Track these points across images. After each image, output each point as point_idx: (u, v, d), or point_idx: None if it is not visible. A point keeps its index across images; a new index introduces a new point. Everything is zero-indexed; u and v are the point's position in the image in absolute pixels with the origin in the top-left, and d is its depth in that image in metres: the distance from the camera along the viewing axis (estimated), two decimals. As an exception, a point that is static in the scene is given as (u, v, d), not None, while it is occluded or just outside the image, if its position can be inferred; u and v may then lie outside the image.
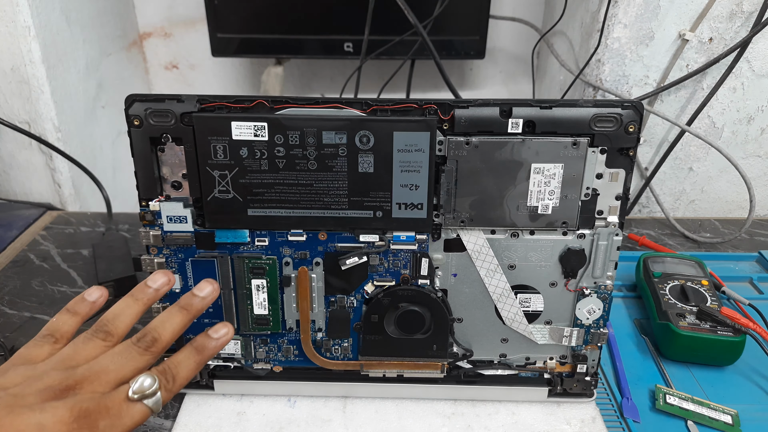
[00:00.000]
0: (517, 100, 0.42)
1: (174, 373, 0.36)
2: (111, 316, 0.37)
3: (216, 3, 0.95)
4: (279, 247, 0.47)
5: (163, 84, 1.17)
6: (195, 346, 0.38)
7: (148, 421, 0.50)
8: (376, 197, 0.44)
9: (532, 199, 0.44)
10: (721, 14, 0.74)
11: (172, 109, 0.43)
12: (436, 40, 0.92)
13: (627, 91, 0.80)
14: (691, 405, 0.51)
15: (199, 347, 0.38)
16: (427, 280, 0.48)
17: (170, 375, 0.35)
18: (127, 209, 0.85)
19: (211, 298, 0.39)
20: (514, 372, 0.51)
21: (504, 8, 1.07)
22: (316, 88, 1.16)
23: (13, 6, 0.76)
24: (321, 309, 0.49)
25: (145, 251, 0.47)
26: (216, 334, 0.39)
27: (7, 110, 0.83)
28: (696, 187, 0.87)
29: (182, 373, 0.36)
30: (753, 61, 0.77)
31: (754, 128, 0.82)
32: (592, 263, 0.47)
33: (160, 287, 0.39)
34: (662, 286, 0.60)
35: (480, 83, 1.16)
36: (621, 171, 0.44)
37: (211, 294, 0.39)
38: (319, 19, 0.97)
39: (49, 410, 0.30)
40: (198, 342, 0.38)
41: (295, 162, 0.43)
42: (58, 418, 0.30)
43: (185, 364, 0.37)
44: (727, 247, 0.77)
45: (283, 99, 0.43)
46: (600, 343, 0.49)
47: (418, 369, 0.51)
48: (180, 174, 0.45)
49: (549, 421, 0.50)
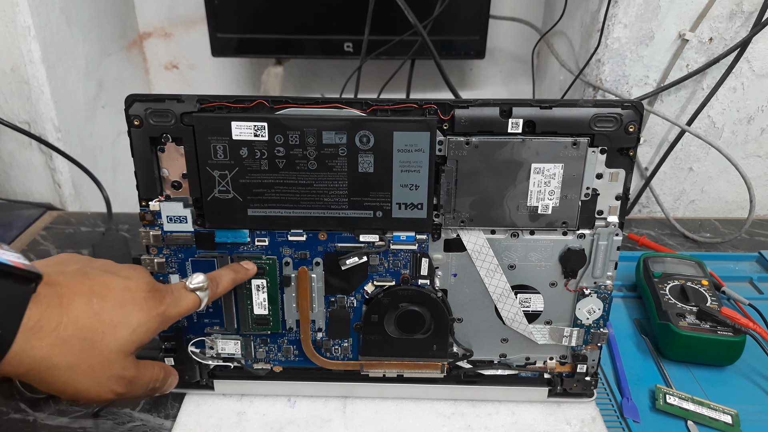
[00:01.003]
0: (517, 100, 0.42)
1: (218, 280, 0.44)
2: (217, 275, 0.45)
3: (216, 3, 0.95)
4: (279, 247, 0.47)
5: (163, 84, 1.17)
6: (232, 267, 0.46)
7: (148, 421, 0.50)
8: (376, 197, 0.44)
9: (532, 199, 0.44)
10: (721, 14, 0.74)
11: (172, 109, 0.43)
12: (436, 40, 0.92)
13: (627, 91, 0.80)
14: (691, 405, 0.51)
15: (235, 268, 0.46)
16: (427, 280, 0.48)
17: (215, 281, 0.44)
18: (127, 209, 0.85)
19: (253, 272, 0.47)
20: (514, 372, 0.51)
21: (504, 8, 1.07)
22: (316, 88, 1.16)
23: (13, 6, 0.76)
24: (321, 309, 0.49)
25: (145, 251, 0.47)
26: (246, 264, 0.47)
27: (7, 110, 0.83)
28: (696, 187, 0.87)
29: (223, 283, 0.45)
30: (753, 61, 0.77)
31: (754, 128, 0.82)
32: (592, 263, 0.47)
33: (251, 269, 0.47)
34: (662, 286, 0.60)
35: (480, 83, 1.16)
36: (621, 171, 0.44)
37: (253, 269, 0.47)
38: (319, 19, 0.97)
39: (133, 278, 0.40)
40: (234, 266, 0.47)
41: (295, 162, 0.43)
42: (138, 286, 0.39)
43: (225, 277, 0.45)
44: (727, 247, 0.77)
45: (283, 99, 0.43)
46: (600, 343, 0.49)
47: (418, 369, 0.51)
48: (180, 174, 0.45)
49: (549, 421, 0.50)
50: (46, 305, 0.34)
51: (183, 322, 0.49)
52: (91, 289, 0.37)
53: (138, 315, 0.38)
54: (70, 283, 0.36)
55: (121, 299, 0.38)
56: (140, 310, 0.38)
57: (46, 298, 0.34)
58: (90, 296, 0.36)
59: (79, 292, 0.36)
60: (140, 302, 0.38)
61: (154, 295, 0.39)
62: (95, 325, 0.36)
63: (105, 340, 0.36)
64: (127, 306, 0.38)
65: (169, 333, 0.50)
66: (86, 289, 0.37)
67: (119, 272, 0.40)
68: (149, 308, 0.39)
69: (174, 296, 0.41)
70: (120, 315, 0.37)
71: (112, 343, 0.37)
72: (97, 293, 0.37)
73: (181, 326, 0.50)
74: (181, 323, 0.49)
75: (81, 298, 0.36)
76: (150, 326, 0.39)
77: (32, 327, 0.33)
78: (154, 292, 0.40)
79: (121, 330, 0.37)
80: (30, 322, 0.33)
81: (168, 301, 0.40)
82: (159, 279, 0.48)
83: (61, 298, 0.35)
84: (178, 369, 0.51)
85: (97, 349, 0.36)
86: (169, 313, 0.40)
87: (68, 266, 0.38)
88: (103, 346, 0.36)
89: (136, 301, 0.38)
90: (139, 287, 0.39)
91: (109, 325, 0.36)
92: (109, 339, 0.36)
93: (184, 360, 0.51)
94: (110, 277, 0.39)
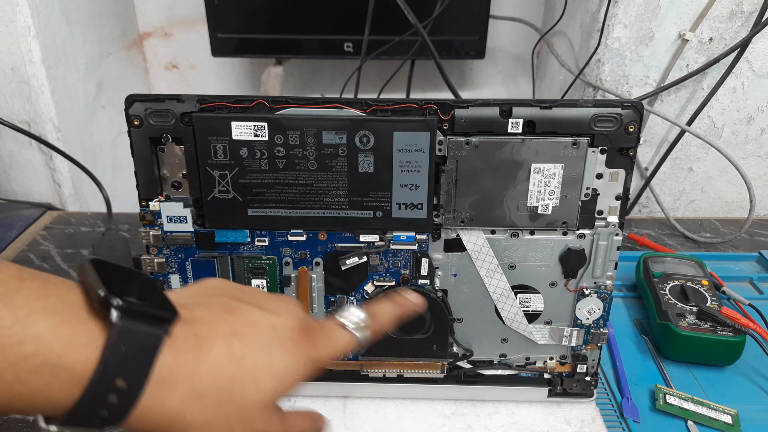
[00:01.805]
0: (517, 100, 0.42)
1: (379, 317, 0.38)
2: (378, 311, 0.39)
3: (216, 3, 0.95)
4: (279, 247, 0.47)
5: (163, 84, 1.17)
6: (395, 300, 0.41)
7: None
8: (376, 197, 0.44)
9: (532, 199, 0.44)
10: (721, 14, 0.74)
11: (172, 109, 0.43)
12: (436, 40, 0.92)
13: (627, 91, 0.80)
14: (691, 405, 0.51)
15: (398, 301, 0.41)
16: (427, 280, 0.48)
17: (377, 318, 0.38)
18: (127, 209, 0.85)
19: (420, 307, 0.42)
20: (514, 372, 0.51)
21: (504, 8, 1.07)
22: (316, 88, 1.16)
23: (13, 6, 0.76)
24: (321, 309, 0.49)
25: (145, 251, 0.47)
26: (409, 295, 0.42)
27: (7, 110, 0.83)
28: (696, 187, 0.87)
29: (385, 319, 0.39)
30: (753, 61, 0.77)
31: (754, 128, 0.82)
32: (592, 263, 0.47)
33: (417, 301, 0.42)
34: (662, 286, 0.60)
35: (480, 83, 1.16)
36: (621, 171, 0.44)
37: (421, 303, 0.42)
38: (319, 19, 0.97)
39: (283, 314, 0.34)
40: (397, 298, 0.41)
41: (295, 162, 0.43)
42: (287, 324, 0.33)
43: (387, 312, 0.39)
44: (727, 247, 0.77)
45: (283, 99, 0.43)
46: (600, 343, 0.49)
47: (418, 369, 0.51)
48: (180, 174, 0.45)
49: (549, 421, 0.50)
50: (181, 350, 0.29)
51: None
52: (235, 328, 0.32)
53: (285, 360, 0.32)
54: (211, 320, 0.31)
55: (267, 340, 0.32)
56: (287, 353, 0.32)
57: (181, 341, 0.29)
58: (232, 337, 0.31)
59: (220, 332, 0.31)
60: (288, 344, 0.33)
61: (305, 335, 0.34)
62: (235, 374, 0.30)
63: (246, 392, 0.31)
64: (273, 349, 0.32)
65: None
66: (229, 329, 0.31)
67: (267, 305, 0.34)
68: (298, 350, 0.33)
69: (328, 336, 0.35)
70: (264, 360, 0.31)
71: (254, 394, 0.31)
72: (240, 333, 0.31)
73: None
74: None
75: (222, 340, 0.31)
76: (298, 372, 0.33)
77: (164, 378, 0.28)
78: (304, 331, 0.34)
79: (265, 378, 0.31)
80: (162, 372, 0.28)
81: (322, 341, 0.35)
82: (158, 279, 0.48)
83: (199, 340, 0.30)
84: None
85: (237, 402, 0.30)
86: (320, 356, 0.34)
87: (212, 298, 0.34)
88: (243, 399, 0.31)
89: (283, 342, 0.33)
90: (288, 325, 0.33)
91: (250, 373, 0.31)
92: (251, 390, 0.31)
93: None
94: (257, 313, 0.33)
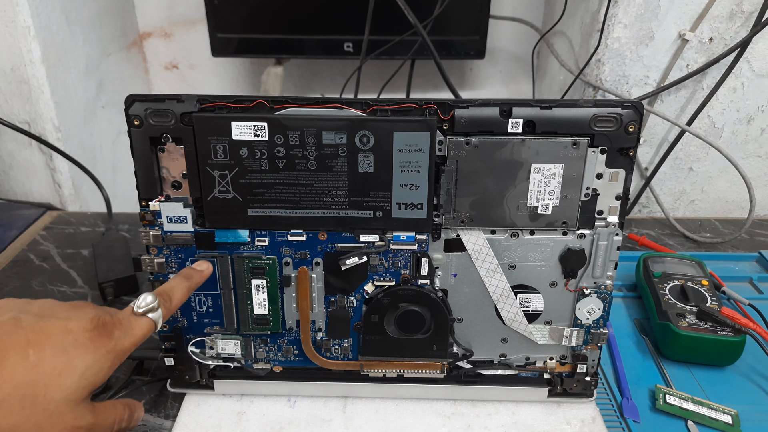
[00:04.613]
0: (517, 100, 0.42)
1: (170, 294, 0.42)
2: (167, 288, 0.43)
3: (216, 3, 0.95)
4: (279, 247, 0.47)
5: (163, 84, 1.17)
6: (183, 275, 0.45)
7: (148, 421, 0.50)
8: (376, 197, 0.44)
9: (532, 199, 0.44)
10: (721, 14, 0.74)
11: (172, 109, 0.43)
12: (436, 40, 0.92)
13: (627, 91, 0.80)
14: (691, 405, 0.51)
15: (187, 275, 0.45)
16: (427, 280, 0.48)
17: (167, 296, 0.42)
18: (127, 209, 0.85)
19: (207, 273, 0.46)
20: (514, 372, 0.51)
21: (504, 8, 1.07)
22: (316, 88, 1.16)
23: (13, 6, 0.76)
24: (321, 309, 0.49)
25: (145, 251, 0.47)
26: (199, 267, 0.46)
27: (7, 110, 0.83)
28: (696, 187, 0.87)
29: (176, 294, 0.43)
30: (753, 61, 0.77)
31: (754, 128, 0.82)
32: (592, 263, 0.47)
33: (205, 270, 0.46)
34: (662, 286, 0.60)
35: (480, 83, 1.16)
36: (621, 171, 0.44)
37: (207, 269, 0.46)
38: (319, 19, 0.97)
39: (74, 318, 0.37)
40: (186, 272, 0.45)
41: (295, 162, 0.43)
42: (81, 326, 0.36)
43: (178, 287, 0.43)
44: (727, 247, 0.77)
45: (283, 99, 0.43)
46: (600, 343, 0.49)
47: (418, 369, 0.51)
48: (180, 174, 0.45)
49: (549, 421, 0.50)
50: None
51: (183, 323, 0.49)
52: (26, 338, 0.34)
53: (84, 358, 0.35)
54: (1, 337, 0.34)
55: (62, 344, 0.35)
56: (86, 351, 0.36)
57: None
58: (25, 347, 0.34)
59: (12, 345, 0.34)
60: (85, 343, 0.36)
61: (101, 331, 0.37)
62: (35, 378, 0.33)
63: (49, 392, 0.34)
64: (70, 350, 0.35)
65: (168, 333, 0.50)
66: (21, 340, 0.34)
67: (58, 313, 0.37)
68: (96, 347, 0.36)
69: (123, 326, 0.38)
70: (62, 362, 0.35)
71: (57, 394, 0.34)
72: (33, 342, 0.34)
73: (181, 326, 0.50)
74: (181, 323, 0.49)
75: (15, 351, 0.34)
76: (101, 366, 0.36)
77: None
78: (100, 328, 0.37)
79: (66, 378, 0.35)
80: None
81: (117, 334, 0.37)
82: (159, 279, 0.48)
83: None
84: (178, 369, 0.51)
85: (41, 404, 0.34)
86: (121, 346, 0.37)
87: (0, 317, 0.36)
88: (48, 399, 0.34)
89: (80, 342, 0.36)
90: (82, 326, 0.36)
91: (50, 375, 0.34)
92: (53, 390, 0.34)
93: (184, 360, 0.51)
94: (47, 321, 0.36)
